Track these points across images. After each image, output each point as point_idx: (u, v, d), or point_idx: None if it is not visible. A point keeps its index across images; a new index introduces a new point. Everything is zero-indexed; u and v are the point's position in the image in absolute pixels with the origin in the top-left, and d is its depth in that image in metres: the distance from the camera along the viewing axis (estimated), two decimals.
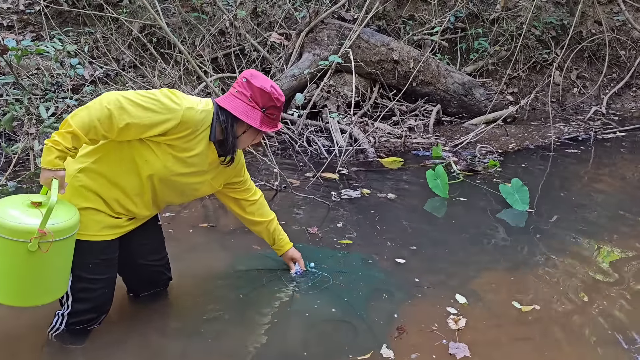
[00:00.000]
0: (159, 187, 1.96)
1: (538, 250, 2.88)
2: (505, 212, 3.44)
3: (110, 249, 1.99)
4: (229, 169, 2.15)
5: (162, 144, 1.86)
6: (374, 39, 5.85)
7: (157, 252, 2.30)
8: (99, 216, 1.93)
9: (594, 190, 3.91)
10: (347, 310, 2.25)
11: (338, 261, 2.70)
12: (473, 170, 4.22)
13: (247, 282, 2.50)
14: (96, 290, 1.97)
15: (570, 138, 5.42)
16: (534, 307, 2.25)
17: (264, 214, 2.43)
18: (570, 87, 7.31)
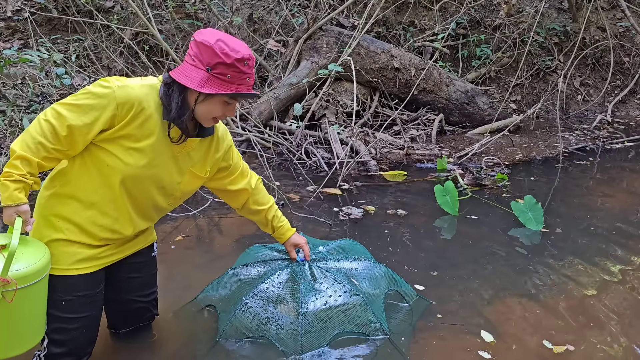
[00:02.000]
0: (135, 191, 1.73)
1: (560, 276, 2.68)
2: (518, 231, 3.24)
3: (89, 283, 1.77)
4: (211, 152, 1.88)
5: (116, 139, 1.63)
6: (374, 46, 5.67)
7: (147, 287, 2.08)
8: (72, 248, 1.72)
9: (609, 206, 3.72)
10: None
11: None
12: (481, 185, 4.03)
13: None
14: (72, 331, 1.74)
15: (578, 148, 5.24)
16: (567, 348, 2.04)
17: (262, 202, 2.15)
18: (574, 95, 7.15)
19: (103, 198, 1.71)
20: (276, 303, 2.05)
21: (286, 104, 5.35)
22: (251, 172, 2.13)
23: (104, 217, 1.73)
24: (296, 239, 2.21)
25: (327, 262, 2.22)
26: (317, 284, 2.10)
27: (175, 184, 1.81)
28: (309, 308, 2.02)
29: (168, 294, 2.32)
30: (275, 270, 2.16)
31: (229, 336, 2.04)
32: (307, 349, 1.97)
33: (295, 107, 4.33)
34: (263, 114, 5.11)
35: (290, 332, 2.00)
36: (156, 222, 2.02)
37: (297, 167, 4.45)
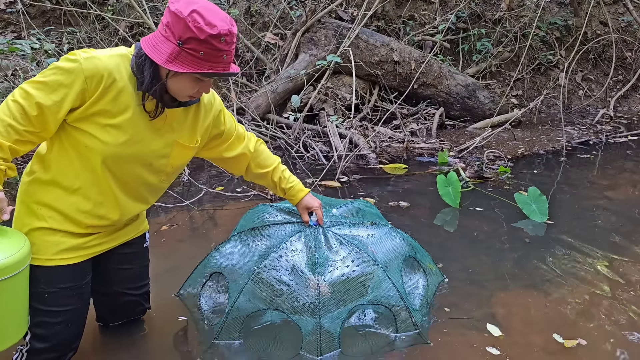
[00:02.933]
0: (119, 172, 1.61)
1: (566, 269, 2.58)
2: (522, 223, 3.15)
3: (74, 275, 1.67)
4: (199, 120, 1.73)
5: (90, 117, 1.51)
6: (373, 39, 5.57)
7: (138, 280, 1.98)
8: (55, 237, 1.62)
9: (614, 198, 3.63)
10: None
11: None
12: (483, 178, 3.94)
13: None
14: (56, 325, 1.64)
15: (581, 142, 5.15)
16: (579, 342, 1.95)
17: (265, 164, 2.00)
18: (576, 90, 7.06)
19: (86, 182, 1.60)
20: (291, 273, 1.89)
21: (284, 97, 5.25)
22: (249, 134, 1.99)
23: (88, 202, 1.63)
24: (309, 202, 2.04)
25: (341, 228, 2.06)
26: (332, 253, 1.95)
27: (163, 159, 1.68)
28: (326, 279, 1.88)
29: (160, 287, 2.23)
30: (288, 236, 2.00)
31: (241, 308, 1.87)
32: (325, 323, 1.84)
33: (293, 99, 4.24)
34: (260, 108, 5.01)
35: (307, 305, 1.85)
36: (151, 206, 1.91)
37: (295, 160, 4.35)
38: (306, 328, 1.84)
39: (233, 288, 1.95)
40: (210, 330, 1.97)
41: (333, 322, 1.85)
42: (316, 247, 1.95)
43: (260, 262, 1.92)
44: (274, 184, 2.03)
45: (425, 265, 2.25)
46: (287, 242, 1.97)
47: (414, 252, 2.20)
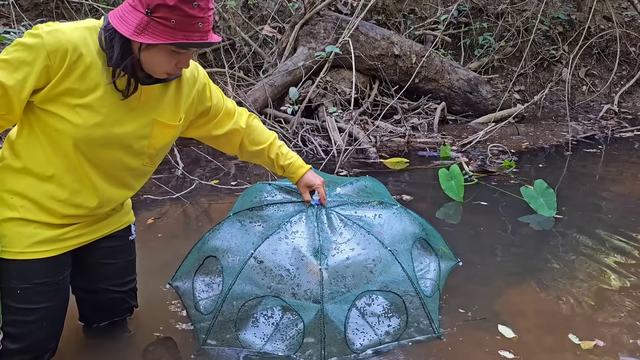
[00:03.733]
0: (94, 157, 1.47)
1: (577, 265, 2.45)
2: (529, 218, 3.03)
3: (50, 269, 1.53)
4: (182, 96, 1.59)
5: (58, 97, 1.37)
6: (373, 32, 5.45)
7: (123, 276, 1.84)
8: (29, 228, 1.49)
9: (622, 193, 3.50)
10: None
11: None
12: (487, 172, 3.81)
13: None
14: (29, 324, 1.51)
15: (586, 137, 5.03)
16: (596, 344, 1.81)
17: (259, 140, 1.85)
18: (579, 85, 6.94)
19: (59, 169, 1.46)
20: (291, 257, 1.75)
21: (282, 91, 5.12)
22: (241, 110, 1.85)
23: (63, 190, 1.49)
24: (310, 179, 1.87)
25: (346, 208, 1.90)
26: (336, 235, 1.80)
27: (143, 140, 1.54)
28: (330, 264, 1.73)
29: (149, 284, 2.10)
30: (288, 217, 1.85)
31: (236, 294, 1.73)
32: (328, 311, 1.69)
33: (291, 91, 4.11)
34: (258, 101, 4.89)
35: (309, 292, 1.71)
36: (140, 199, 1.78)
37: None
38: (308, 317, 1.70)
39: (228, 273, 1.81)
40: (201, 330, 1.83)
41: (338, 311, 1.71)
42: (319, 229, 1.80)
43: (258, 245, 1.77)
44: (271, 162, 1.88)
45: (438, 247, 2.09)
46: (287, 223, 1.83)
47: (425, 234, 2.05)
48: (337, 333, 1.69)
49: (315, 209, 1.86)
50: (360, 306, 1.77)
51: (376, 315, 1.79)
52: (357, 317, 1.76)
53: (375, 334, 1.76)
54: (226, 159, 4.10)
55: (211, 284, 1.91)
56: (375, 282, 1.76)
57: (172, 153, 3.87)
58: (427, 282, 1.95)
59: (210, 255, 1.92)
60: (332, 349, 1.69)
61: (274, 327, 1.74)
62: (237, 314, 1.74)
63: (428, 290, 1.91)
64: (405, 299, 1.79)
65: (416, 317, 1.81)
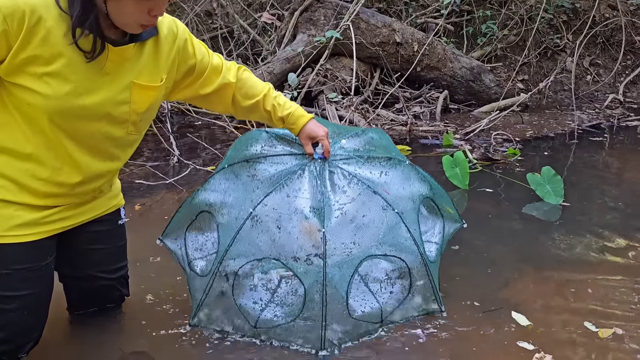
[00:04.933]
0: (72, 129, 1.37)
1: (587, 252, 2.36)
2: (536, 205, 2.93)
3: (31, 254, 1.44)
4: (161, 56, 1.47)
5: (22, 67, 1.27)
6: (374, 19, 5.34)
7: (113, 262, 1.74)
8: (9, 210, 1.39)
9: (630, 180, 3.42)
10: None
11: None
12: (491, 159, 3.72)
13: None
14: (9, 313, 1.42)
15: (592, 126, 4.93)
16: (615, 331, 1.72)
17: (253, 93, 1.69)
18: (583, 75, 6.83)
19: (38, 146, 1.37)
20: (292, 218, 1.62)
21: (281, 79, 5.02)
22: (229, 64, 1.70)
23: (44, 169, 1.39)
24: (313, 130, 1.69)
25: (351, 163, 1.75)
26: (339, 194, 1.66)
27: (122, 105, 1.43)
28: (333, 226, 1.60)
29: (141, 271, 2.01)
30: (289, 173, 1.70)
31: (234, 256, 1.61)
32: (330, 277, 1.57)
33: (290, 77, 4.02)
34: None
35: (311, 256, 1.60)
36: (127, 161, 1.64)
37: None
38: (309, 282, 1.58)
39: (224, 231, 1.67)
40: (196, 293, 1.71)
41: (340, 276, 1.59)
42: (321, 186, 1.66)
43: (257, 204, 1.63)
44: (268, 115, 1.71)
45: (444, 208, 1.95)
46: (288, 180, 1.68)
47: (433, 193, 1.89)
48: (338, 300, 1.59)
49: (318, 163, 1.71)
50: (362, 271, 1.66)
51: (378, 280, 1.69)
52: (359, 282, 1.67)
53: (377, 301, 1.67)
54: (224, 146, 4.00)
55: (205, 242, 1.77)
56: (380, 246, 1.65)
57: (169, 141, 3.78)
58: (431, 247, 1.84)
59: (204, 211, 1.76)
60: (333, 317, 1.59)
61: (272, 293, 1.65)
62: (235, 278, 1.64)
63: (432, 255, 1.81)
64: (410, 265, 1.68)
65: (419, 285, 1.72)
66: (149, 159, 3.64)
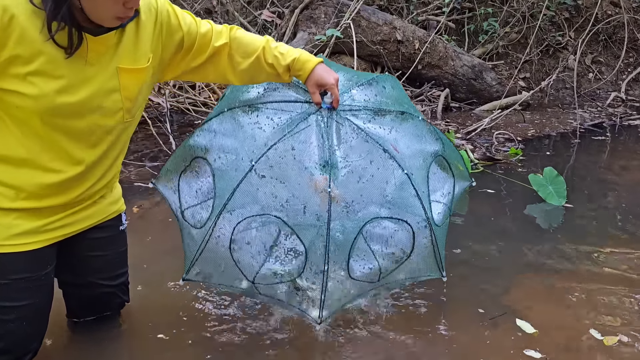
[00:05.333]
0: (67, 128, 1.33)
1: (591, 256, 2.33)
2: (539, 207, 2.91)
3: (30, 263, 1.42)
4: (143, 36, 1.39)
5: (5, 71, 1.23)
6: (375, 17, 5.30)
7: (114, 269, 1.71)
8: (7, 218, 1.37)
9: (633, 181, 3.39)
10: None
11: None
12: (493, 159, 3.69)
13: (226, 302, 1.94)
14: (8, 323, 1.40)
15: (594, 125, 4.90)
16: (620, 339, 1.71)
17: (251, 50, 1.54)
18: (585, 73, 6.80)
19: (33, 151, 1.33)
20: (296, 172, 1.52)
21: None
22: (219, 27, 1.55)
23: (42, 172, 1.36)
24: (322, 76, 1.52)
25: (360, 115, 1.61)
26: (347, 149, 1.54)
27: (113, 94, 1.37)
28: (339, 183, 1.50)
29: (139, 275, 1.99)
30: (294, 123, 1.56)
31: (232, 209, 1.52)
32: (333, 237, 1.49)
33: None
34: None
35: (313, 213, 1.50)
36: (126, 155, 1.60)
37: None
38: (309, 241, 1.51)
39: (222, 184, 1.57)
40: (190, 246, 1.65)
41: (343, 236, 1.52)
42: (329, 140, 1.53)
43: (260, 156, 1.52)
44: (272, 69, 1.54)
45: (455, 166, 1.82)
46: (293, 130, 1.55)
47: (444, 150, 1.75)
48: (340, 262, 1.53)
49: (326, 113, 1.57)
50: (365, 230, 1.57)
51: (380, 240, 1.61)
52: (362, 241, 1.59)
53: (377, 262, 1.60)
54: None
55: (199, 189, 1.66)
56: (386, 207, 1.55)
57: (168, 141, 3.75)
58: (439, 208, 1.72)
59: (199, 157, 1.66)
60: (332, 275, 1.54)
61: (272, 250, 1.59)
62: (232, 233, 1.55)
63: (439, 219, 1.69)
64: (414, 229, 1.59)
65: (422, 248, 1.63)
66: (148, 159, 3.61)
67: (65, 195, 1.43)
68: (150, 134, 3.72)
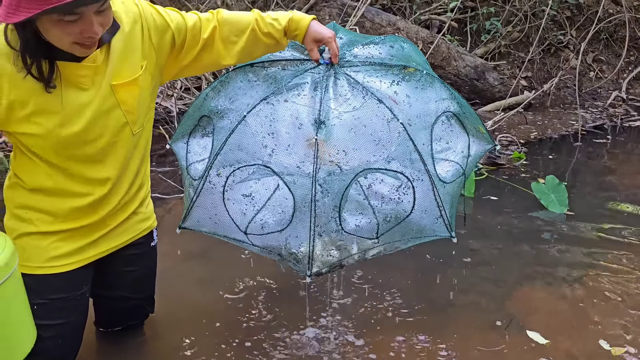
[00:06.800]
0: (80, 154, 1.39)
1: (595, 264, 2.42)
2: (541, 214, 2.99)
3: (66, 284, 1.51)
4: (133, 42, 1.40)
5: (10, 117, 1.30)
6: (379, 18, 5.35)
7: (143, 283, 1.81)
8: (47, 241, 1.46)
9: (632, 186, 3.46)
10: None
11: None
12: (497, 164, 3.76)
13: (250, 308, 2.03)
14: (46, 340, 1.48)
15: (595, 126, 4.97)
16: (627, 350, 1.79)
17: (242, 27, 1.52)
18: (587, 71, 6.84)
19: (58, 180, 1.42)
20: (288, 125, 1.51)
21: None
22: (206, 15, 1.54)
23: (73, 198, 1.45)
24: (317, 31, 1.51)
25: (360, 71, 1.57)
26: (340, 102, 1.52)
27: (114, 110, 1.40)
28: (328, 134, 1.48)
29: (161, 286, 2.07)
30: (289, 77, 1.56)
31: (224, 159, 1.55)
32: (322, 188, 1.48)
33: None
34: None
35: (303, 165, 1.50)
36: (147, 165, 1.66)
37: None
38: (298, 191, 1.51)
39: (218, 137, 1.60)
40: (187, 198, 1.70)
41: (333, 187, 1.50)
42: (322, 93, 1.52)
43: (252, 108, 1.54)
44: (270, 36, 1.52)
45: (474, 127, 1.72)
46: (287, 85, 1.55)
47: (459, 108, 1.67)
48: (330, 212, 1.52)
49: (324, 69, 1.56)
50: (365, 184, 1.54)
51: (380, 196, 1.55)
52: (358, 195, 1.54)
53: (375, 217, 1.55)
54: None
55: (205, 146, 1.70)
56: (382, 159, 1.51)
57: None
58: (446, 165, 1.64)
59: (205, 115, 1.70)
60: (323, 228, 1.52)
61: (264, 200, 1.57)
62: (225, 183, 1.58)
63: (447, 176, 1.62)
64: (414, 182, 1.54)
65: (425, 205, 1.57)
66: (157, 164, 3.68)
67: (97, 213, 1.51)
68: (159, 133, 3.77)
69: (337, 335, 1.87)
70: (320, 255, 1.56)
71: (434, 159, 1.58)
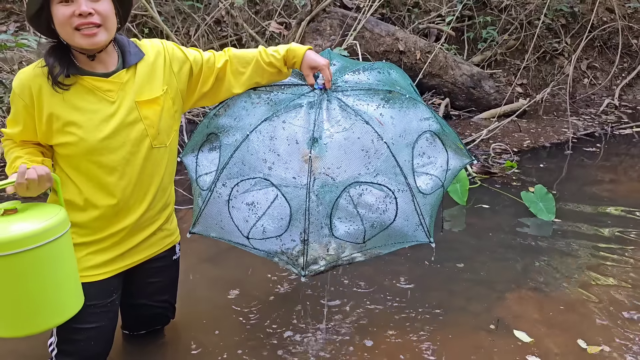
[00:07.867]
0: (106, 161, 1.59)
1: (577, 268, 2.62)
2: (530, 221, 3.18)
3: (99, 292, 1.70)
4: (157, 68, 1.66)
5: (49, 128, 1.56)
6: (378, 28, 5.53)
7: (166, 292, 2.00)
8: (82, 253, 1.65)
9: (621, 194, 3.65)
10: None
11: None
12: (489, 173, 3.95)
13: (267, 311, 2.22)
14: (80, 342, 1.68)
15: (586, 134, 5.15)
16: (602, 349, 1.98)
17: (248, 59, 1.77)
18: (580, 78, 7.03)
19: (88, 193, 1.62)
20: (285, 143, 1.71)
21: None
22: (218, 53, 1.81)
23: (96, 209, 1.64)
24: (313, 59, 1.73)
25: (350, 95, 1.78)
26: (333, 124, 1.72)
27: (136, 124, 1.62)
28: (320, 151, 1.68)
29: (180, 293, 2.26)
30: (287, 101, 1.77)
31: (230, 173, 1.76)
32: (315, 199, 1.68)
33: None
34: None
35: (299, 179, 1.70)
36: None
37: None
38: (295, 202, 1.71)
39: (224, 153, 1.80)
40: (196, 206, 1.91)
41: (325, 198, 1.70)
42: (316, 115, 1.72)
43: (254, 128, 1.75)
44: (272, 66, 1.77)
45: (452, 144, 1.93)
46: (285, 108, 1.76)
47: (440, 127, 1.88)
48: (322, 220, 1.71)
49: (318, 93, 1.75)
50: (354, 195, 1.73)
51: (368, 206, 1.75)
52: (348, 204, 1.74)
53: (362, 224, 1.75)
54: None
55: (213, 160, 1.91)
56: (368, 173, 1.72)
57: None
58: (427, 179, 1.84)
59: (213, 133, 1.91)
60: (317, 234, 1.72)
61: (264, 209, 1.77)
62: (230, 193, 1.79)
63: (427, 188, 1.83)
64: (397, 194, 1.74)
65: (406, 214, 1.77)
66: None
67: (121, 222, 1.68)
68: None
69: (344, 336, 2.06)
70: (314, 258, 1.78)
71: (415, 173, 1.80)
